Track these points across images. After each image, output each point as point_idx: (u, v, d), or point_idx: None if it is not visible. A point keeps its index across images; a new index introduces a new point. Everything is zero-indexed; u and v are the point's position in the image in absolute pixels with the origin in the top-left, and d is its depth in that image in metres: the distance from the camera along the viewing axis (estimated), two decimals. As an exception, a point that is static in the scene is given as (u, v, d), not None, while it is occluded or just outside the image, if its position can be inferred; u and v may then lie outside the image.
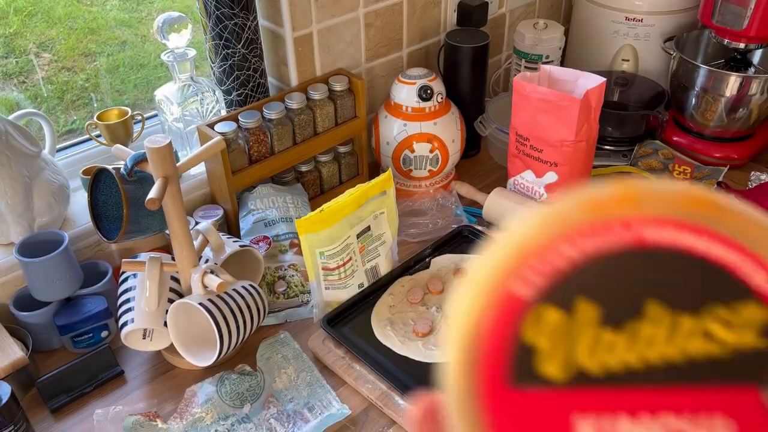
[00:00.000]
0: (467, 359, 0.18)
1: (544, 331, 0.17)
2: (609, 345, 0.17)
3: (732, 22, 1.01)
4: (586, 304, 0.17)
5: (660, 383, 0.17)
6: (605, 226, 0.18)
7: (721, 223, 0.17)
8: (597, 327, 0.17)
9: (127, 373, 0.79)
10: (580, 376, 0.17)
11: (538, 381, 0.17)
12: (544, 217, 0.18)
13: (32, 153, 0.82)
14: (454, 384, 0.18)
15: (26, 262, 0.75)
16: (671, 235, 0.17)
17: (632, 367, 0.17)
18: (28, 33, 0.94)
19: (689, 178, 1.02)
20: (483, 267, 0.18)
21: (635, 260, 0.17)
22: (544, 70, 0.91)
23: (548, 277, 0.18)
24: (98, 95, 0.99)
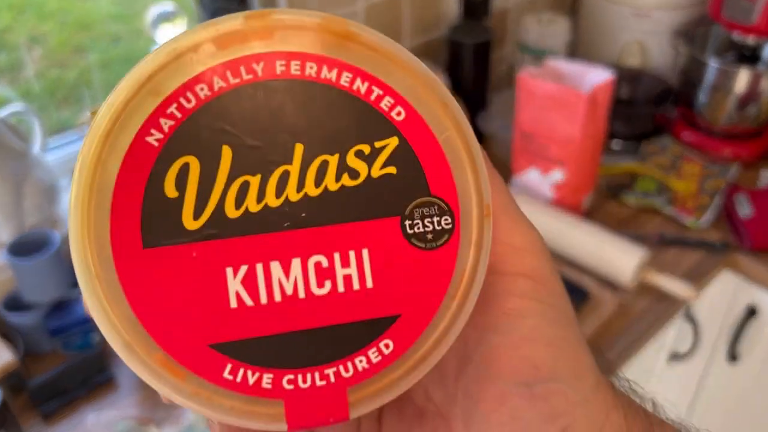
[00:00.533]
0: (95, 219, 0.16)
1: (181, 183, 0.16)
2: (254, 191, 0.16)
3: (741, 17, 0.99)
4: (226, 149, 0.16)
5: (307, 225, 0.17)
6: (242, 61, 0.16)
7: (357, 55, 0.17)
8: (239, 173, 0.16)
9: (120, 377, 0.77)
10: (226, 226, 0.16)
11: (179, 236, 0.16)
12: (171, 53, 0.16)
13: (22, 151, 0.80)
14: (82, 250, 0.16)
15: (16, 263, 0.74)
16: (311, 71, 0.17)
17: (279, 212, 0.17)
18: (19, 28, 0.92)
19: (699, 176, 1.00)
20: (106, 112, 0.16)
21: (277, 99, 0.16)
22: (550, 65, 0.89)
23: (180, 122, 0.16)
24: (91, 91, 0.97)
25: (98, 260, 0.16)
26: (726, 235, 0.92)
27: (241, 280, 0.16)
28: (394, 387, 0.17)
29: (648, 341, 0.82)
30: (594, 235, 0.85)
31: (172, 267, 0.16)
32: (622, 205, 0.98)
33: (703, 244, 0.90)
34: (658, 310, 0.81)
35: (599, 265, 0.83)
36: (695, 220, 0.94)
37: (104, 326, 0.16)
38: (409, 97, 0.17)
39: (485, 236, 0.18)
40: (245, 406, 0.17)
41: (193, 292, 0.16)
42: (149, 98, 0.16)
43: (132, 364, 0.16)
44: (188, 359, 0.16)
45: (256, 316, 0.17)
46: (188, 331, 0.16)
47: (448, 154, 0.18)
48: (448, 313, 0.18)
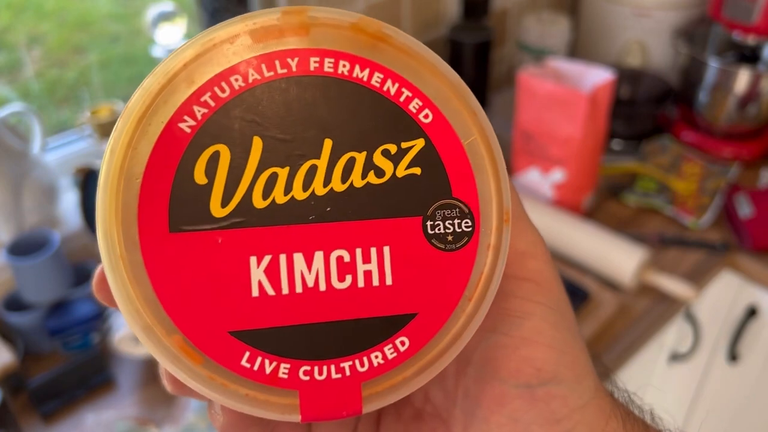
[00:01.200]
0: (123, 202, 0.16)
1: (210, 169, 0.16)
2: (281, 182, 0.17)
3: (741, 17, 0.99)
4: (256, 140, 0.16)
5: (332, 219, 0.17)
6: (277, 56, 0.17)
7: (389, 57, 0.17)
8: (267, 164, 0.17)
9: (119, 378, 0.77)
10: (252, 215, 0.17)
11: (206, 222, 0.16)
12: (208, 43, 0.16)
13: (21, 151, 0.80)
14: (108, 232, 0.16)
15: (16, 263, 0.74)
16: (344, 69, 0.17)
17: (305, 205, 0.17)
18: (18, 27, 0.92)
19: (699, 176, 0.99)
20: (138, 98, 0.16)
21: (309, 95, 0.17)
22: (550, 64, 0.89)
23: (215, 112, 0.16)
24: (90, 91, 0.96)
25: (124, 241, 0.16)
26: (726, 235, 0.92)
27: (264, 270, 0.17)
28: (406, 385, 0.17)
29: (648, 341, 0.82)
30: (594, 235, 0.85)
31: (196, 252, 0.16)
32: (622, 205, 0.98)
33: (704, 244, 0.90)
34: (658, 310, 0.81)
35: (599, 265, 0.83)
36: (695, 220, 0.93)
37: (125, 306, 0.16)
38: (437, 100, 0.18)
39: (503, 241, 0.18)
40: (260, 395, 0.17)
41: (216, 278, 0.16)
42: (183, 86, 0.16)
43: (150, 345, 0.16)
44: (207, 344, 0.16)
45: (277, 306, 0.17)
46: (209, 316, 0.16)
47: (471, 159, 0.18)
48: (463, 314, 0.18)
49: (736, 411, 1.10)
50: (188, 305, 0.16)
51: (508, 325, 0.20)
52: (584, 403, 0.20)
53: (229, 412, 0.18)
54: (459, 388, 0.21)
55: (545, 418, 0.19)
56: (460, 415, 0.20)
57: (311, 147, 0.17)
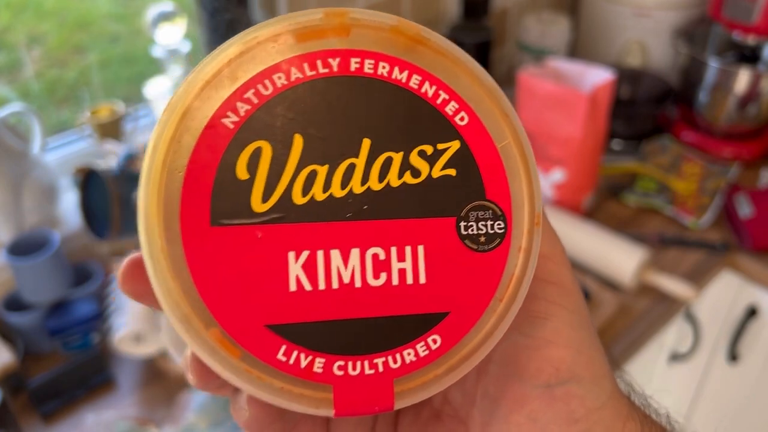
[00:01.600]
0: (165, 195, 0.16)
1: (253, 165, 0.17)
2: (321, 180, 0.17)
3: (741, 16, 0.99)
4: (297, 138, 0.17)
5: (368, 217, 0.17)
6: (318, 55, 0.17)
7: (427, 59, 0.18)
8: (308, 162, 0.17)
9: (119, 378, 0.77)
10: (292, 211, 0.17)
11: (247, 216, 0.17)
12: (252, 41, 0.17)
13: (21, 151, 0.80)
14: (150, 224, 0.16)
15: (16, 263, 0.74)
16: (383, 70, 0.17)
17: (343, 202, 0.17)
18: (18, 27, 0.92)
19: (699, 176, 0.99)
20: (183, 93, 0.17)
21: (348, 94, 0.17)
22: (550, 64, 0.89)
23: (258, 109, 0.17)
24: (90, 91, 0.96)
25: (165, 234, 0.16)
26: (726, 235, 0.92)
27: (302, 265, 0.17)
28: (437, 382, 0.18)
29: (648, 341, 0.82)
30: (594, 235, 0.85)
31: (236, 246, 0.17)
32: (622, 205, 0.98)
33: (704, 244, 0.90)
34: (658, 310, 0.81)
35: (599, 265, 0.83)
36: (695, 220, 0.93)
37: (164, 298, 0.16)
38: (472, 103, 0.18)
39: (534, 244, 0.18)
40: (295, 389, 0.17)
41: (254, 272, 0.17)
42: (227, 82, 0.17)
43: (188, 337, 0.16)
44: (244, 337, 0.17)
45: (313, 301, 0.17)
46: (247, 309, 0.17)
47: (505, 162, 0.18)
48: (494, 315, 0.18)
49: (736, 411, 1.10)
50: (227, 298, 0.16)
51: (530, 326, 0.20)
52: (602, 403, 0.20)
53: (254, 406, 0.18)
54: (479, 389, 0.21)
55: (563, 418, 0.19)
56: (479, 416, 0.21)
57: (350, 146, 0.17)
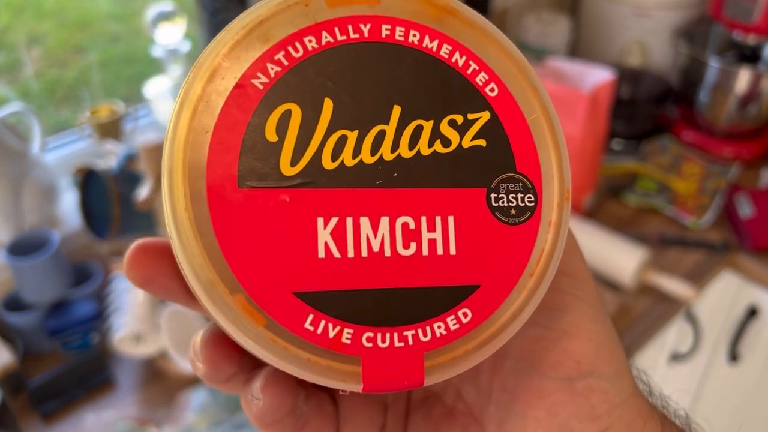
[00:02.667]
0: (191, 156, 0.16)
1: (282, 128, 0.16)
2: (350, 145, 0.17)
3: (742, 16, 0.99)
4: (327, 102, 0.16)
5: (398, 185, 0.17)
6: (349, 20, 0.17)
7: (457, 29, 0.18)
8: (338, 126, 0.17)
9: (119, 378, 0.77)
10: (321, 176, 0.16)
11: (275, 180, 0.16)
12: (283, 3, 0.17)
13: (21, 151, 0.80)
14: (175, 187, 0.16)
15: (16, 263, 0.74)
16: (414, 38, 0.17)
17: (372, 169, 0.17)
18: (17, 27, 0.92)
19: (699, 176, 0.99)
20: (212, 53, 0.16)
21: (379, 61, 0.17)
22: (550, 64, 0.89)
23: (289, 71, 0.16)
24: (90, 91, 0.96)
25: (191, 194, 0.16)
26: (726, 235, 0.92)
27: (330, 232, 0.16)
28: (468, 358, 0.17)
29: (649, 341, 0.82)
30: (594, 236, 0.85)
31: (264, 209, 0.16)
32: (622, 205, 0.98)
33: (704, 244, 0.90)
34: (658, 310, 0.81)
35: (600, 265, 0.83)
36: (696, 220, 0.93)
37: (187, 261, 0.16)
38: (502, 75, 0.18)
39: (564, 219, 0.18)
40: (322, 360, 0.16)
41: (282, 237, 0.16)
42: (258, 43, 0.16)
43: (212, 304, 0.16)
44: (270, 304, 0.16)
45: (342, 269, 0.16)
46: (274, 275, 0.16)
47: (535, 135, 0.18)
48: (525, 290, 0.17)
49: (736, 411, 1.10)
50: (253, 263, 0.16)
51: (548, 318, 0.19)
52: (623, 400, 0.19)
53: (268, 394, 0.18)
54: (494, 384, 0.20)
55: (584, 413, 0.19)
56: (495, 411, 0.20)
57: (380, 112, 0.17)
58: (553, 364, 0.19)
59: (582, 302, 0.20)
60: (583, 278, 0.20)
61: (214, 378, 0.19)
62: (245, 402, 0.19)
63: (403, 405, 0.22)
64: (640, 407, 0.20)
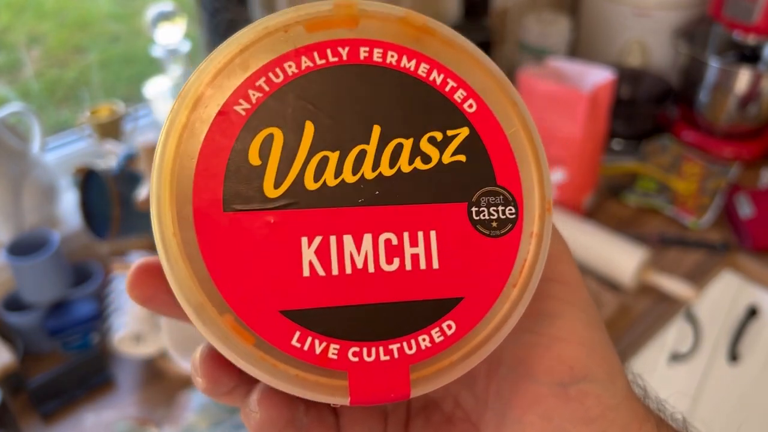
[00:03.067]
0: (177, 182, 0.16)
1: (264, 152, 0.17)
2: (332, 166, 0.17)
3: (742, 16, 0.99)
4: (308, 124, 0.17)
5: (380, 203, 0.17)
6: (328, 44, 0.17)
7: (435, 49, 0.18)
8: (319, 148, 0.17)
9: (119, 378, 0.77)
10: (304, 197, 0.17)
11: (259, 202, 0.17)
12: (263, 31, 0.17)
13: (21, 151, 0.80)
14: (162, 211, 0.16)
15: (16, 263, 0.74)
16: (392, 59, 0.18)
17: (354, 188, 0.17)
18: (17, 27, 0.92)
19: (699, 176, 0.99)
20: (195, 82, 0.17)
21: (358, 82, 0.17)
22: (550, 64, 0.89)
23: (269, 96, 0.17)
24: (90, 91, 0.96)
25: (178, 219, 0.16)
26: (726, 235, 0.92)
27: (314, 251, 0.17)
28: (453, 369, 0.17)
29: (648, 341, 0.82)
30: (594, 236, 0.85)
31: (249, 232, 0.17)
32: (622, 205, 0.98)
33: (704, 244, 0.90)
34: (658, 310, 0.81)
35: (600, 265, 0.83)
36: (696, 220, 0.93)
37: (177, 284, 0.16)
38: (480, 91, 0.18)
39: (546, 230, 0.18)
40: (310, 376, 0.17)
41: (267, 257, 0.17)
42: (239, 70, 0.17)
43: (202, 325, 0.16)
44: (258, 323, 0.16)
45: (327, 287, 0.17)
46: (260, 295, 0.16)
47: (514, 149, 0.18)
48: (508, 300, 0.18)
49: (736, 411, 1.09)
50: (240, 284, 0.16)
51: (540, 324, 0.20)
52: (617, 403, 0.19)
53: (265, 407, 0.18)
54: (490, 390, 0.21)
55: (579, 417, 0.19)
56: (492, 418, 0.20)
57: (361, 132, 0.17)
58: (546, 370, 0.19)
59: (573, 308, 0.20)
60: (574, 284, 0.20)
61: (214, 392, 0.19)
62: (244, 415, 0.19)
63: (403, 413, 0.23)
64: (635, 410, 0.20)
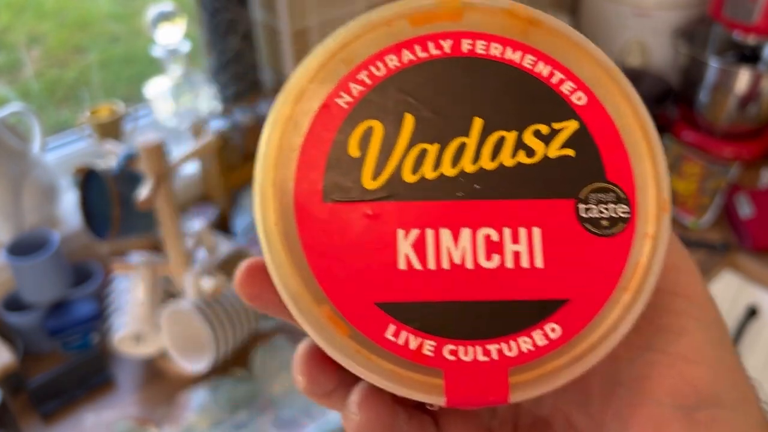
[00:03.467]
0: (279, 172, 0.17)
1: (364, 144, 0.17)
2: (431, 159, 0.17)
3: (742, 16, 0.99)
4: (408, 117, 0.17)
5: (480, 197, 0.17)
6: (430, 38, 0.17)
7: (541, 40, 0.18)
8: (418, 140, 0.17)
9: (119, 378, 0.77)
10: (402, 189, 0.17)
11: (358, 193, 0.17)
12: (366, 25, 0.17)
13: (21, 151, 0.80)
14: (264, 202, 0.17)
15: (16, 263, 0.73)
16: (496, 51, 0.17)
17: (453, 181, 0.17)
18: (18, 27, 0.92)
19: (699, 176, 0.99)
20: (299, 75, 0.17)
21: (460, 75, 0.17)
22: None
23: (369, 88, 0.17)
24: (90, 91, 0.96)
25: (279, 210, 0.16)
26: (726, 236, 0.92)
27: (411, 243, 0.17)
28: (557, 375, 0.16)
29: (648, 341, 0.82)
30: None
31: (347, 222, 0.17)
32: (622, 205, 0.98)
33: (704, 244, 0.90)
34: (658, 310, 0.81)
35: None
36: (696, 220, 0.93)
37: (277, 274, 0.16)
38: (590, 83, 0.18)
39: (662, 231, 0.17)
40: (404, 372, 0.16)
41: (364, 249, 0.17)
42: (342, 65, 0.17)
43: (299, 314, 0.16)
44: (354, 314, 0.16)
45: (423, 281, 0.17)
46: (357, 286, 0.16)
47: (627, 143, 0.17)
48: (618, 305, 0.17)
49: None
50: (337, 274, 0.16)
51: (663, 342, 0.18)
52: None
53: (365, 410, 0.18)
54: (608, 412, 0.19)
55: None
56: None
57: (461, 125, 0.17)
58: (669, 391, 0.17)
59: (700, 325, 0.18)
60: (701, 299, 0.19)
61: (313, 391, 0.18)
62: (344, 418, 0.18)
63: (509, 430, 0.21)
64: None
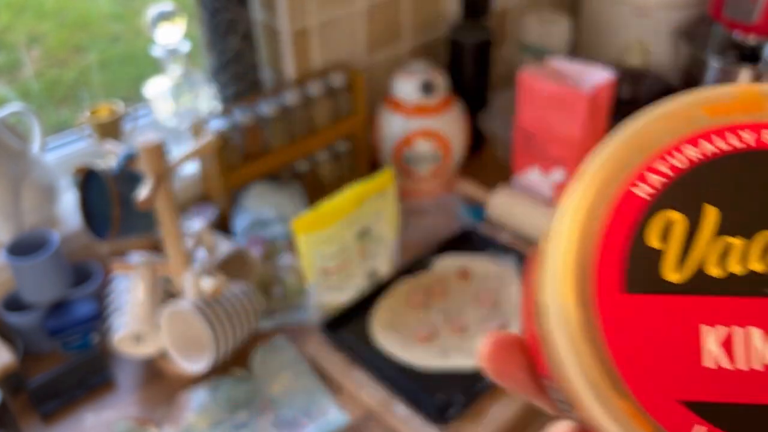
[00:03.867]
0: (579, 260, 0.17)
1: (665, 235, 0.17)
2: (736, 253, 0.16)
3: (742, 16, 0.99)
4: (711, 209, 0.17)
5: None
6: (729, 129, 0.17)
7: None
8: (723, 234, 0.17)
9: (119, 378, 0.77)
10: (706, 283, 0.16)
11: (660, 286, 0.16)
12: (664, 116, 0.17)
13: (21, 151, 0.80)
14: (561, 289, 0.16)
15: (15, 263, 0.73)
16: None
17: (762, 277, 0.16)
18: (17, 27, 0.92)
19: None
20: (599, 164, 0.17)
21: (762, 168, 0.17)
22: (551, 64, 0.89)
23: (671, 179, 0.17)
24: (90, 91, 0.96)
25: (577, 299, 0.16)
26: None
27: (716, 340, 0.16)
28: None
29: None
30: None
31: (648, 315, 0.16)
32: (622, 205, 0.98)
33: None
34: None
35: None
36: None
37: (577, 361, 0.16)
38: None
39: None
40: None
41: (665, 344, 0.16)
42: (636, 153, 0.17)
43: (597, 405, 0.16)
44: (657, 411, 0.16)
45: (731, 381, 0.16)
46: (659, 381, 0.16)
47: None
48: None
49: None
50: (639, 368, 0.16)
51: None
52: None
53: None
54: None
55: None
56: None
57: (766, 219, 0.17)
58: None
59: None
60: None
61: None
62: None
63: None
64: None
